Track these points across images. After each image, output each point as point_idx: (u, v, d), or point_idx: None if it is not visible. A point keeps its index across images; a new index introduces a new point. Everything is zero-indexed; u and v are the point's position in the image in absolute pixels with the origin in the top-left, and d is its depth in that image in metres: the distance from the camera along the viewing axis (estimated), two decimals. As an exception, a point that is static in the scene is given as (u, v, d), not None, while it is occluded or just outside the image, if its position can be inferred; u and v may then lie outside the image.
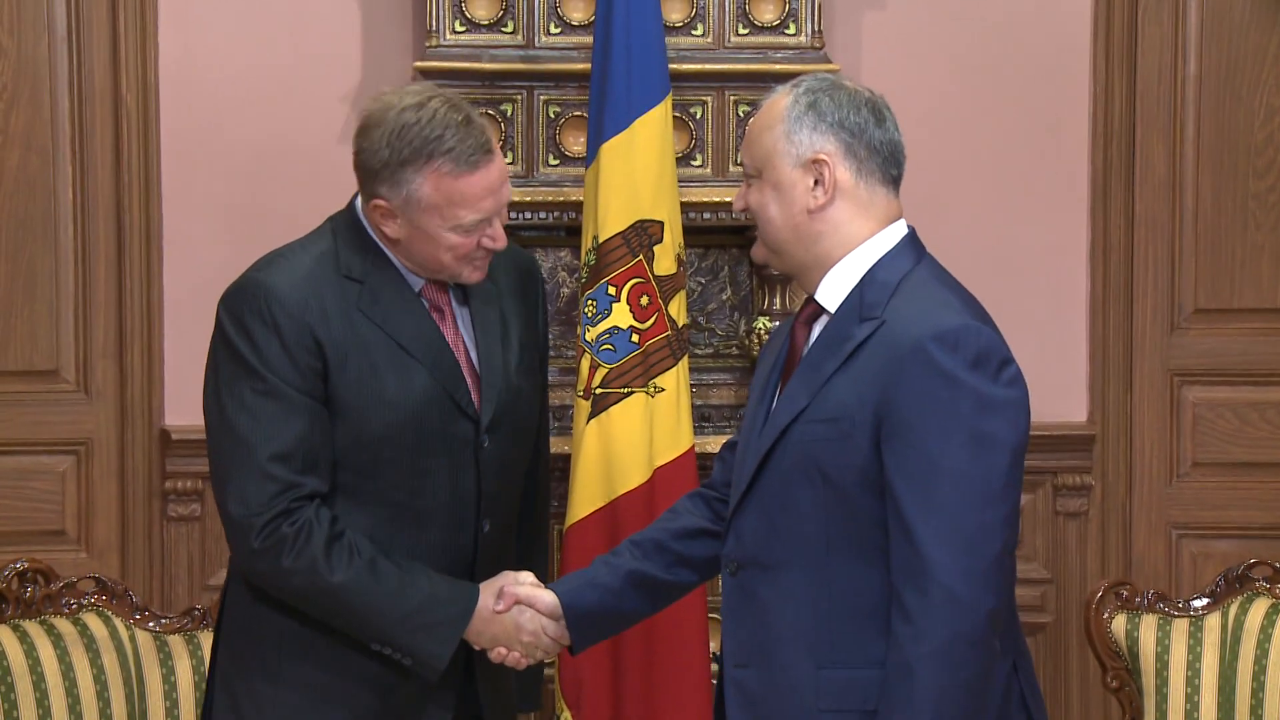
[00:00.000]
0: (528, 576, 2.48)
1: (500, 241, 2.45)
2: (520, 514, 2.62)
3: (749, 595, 2.23)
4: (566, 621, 2.45)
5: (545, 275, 3.59)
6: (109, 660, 2.83)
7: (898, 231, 2.25)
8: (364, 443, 2.42)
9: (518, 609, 2.45)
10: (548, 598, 2.46)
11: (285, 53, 3.66)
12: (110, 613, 2.88)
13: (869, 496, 2.15)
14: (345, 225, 2.48)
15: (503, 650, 2.46)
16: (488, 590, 2.45)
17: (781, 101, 2.24)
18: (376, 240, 2.47)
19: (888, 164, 2.24)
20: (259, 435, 2.37)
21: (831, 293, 2.23)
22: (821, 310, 2.24)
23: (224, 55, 3.66)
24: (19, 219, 3.67)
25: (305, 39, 3.65)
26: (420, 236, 2.43)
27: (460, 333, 2.51)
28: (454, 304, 2.52)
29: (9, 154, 3.66)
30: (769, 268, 2.39)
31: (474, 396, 2.48)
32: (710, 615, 3.26)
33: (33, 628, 2.81)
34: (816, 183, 2.21)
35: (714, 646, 3.22)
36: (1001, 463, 2.12)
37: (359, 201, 2.49)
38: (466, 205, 2.41)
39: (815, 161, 2.20)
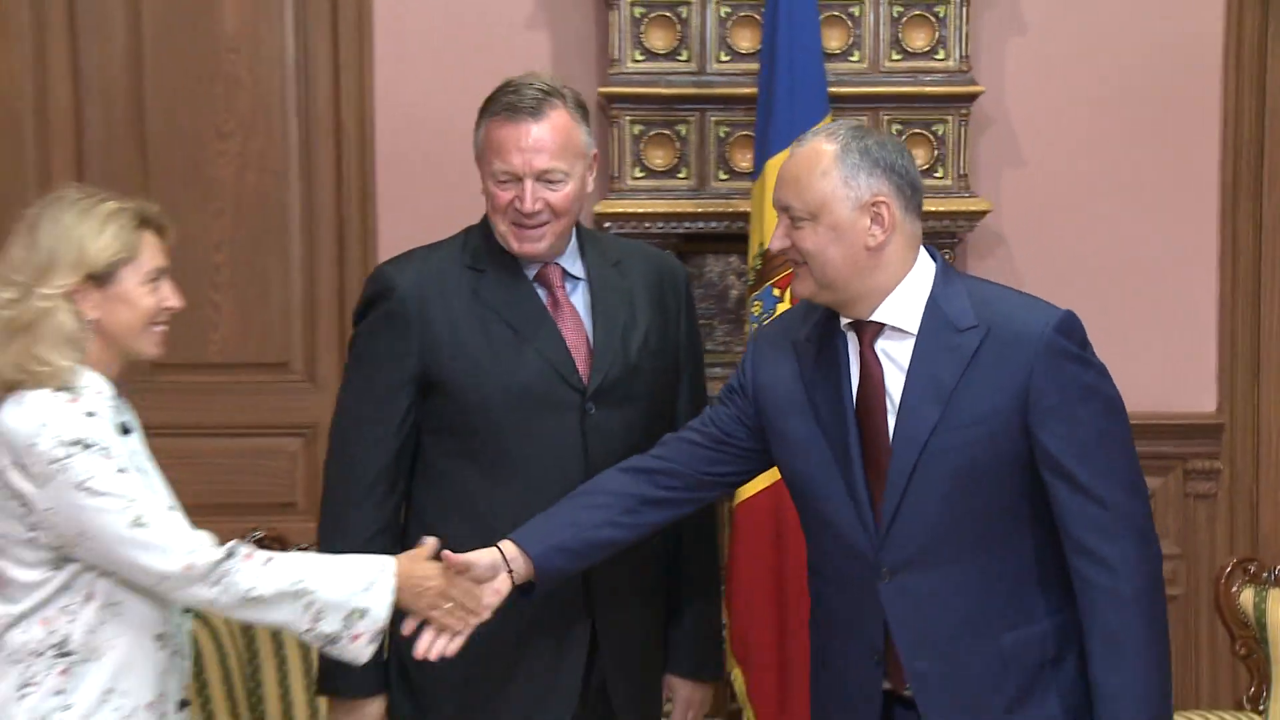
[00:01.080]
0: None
1: (525, 206, 2.43)
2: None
3: (911, 594, 2.33)
4: (537, 576, 2.40)
5: (715, 279, 3.71)
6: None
7: (927, 253, 2.38)
8: (474, 408, 2.47)
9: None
10: (485, 559, 2.39)
11: (482, 80, 3.73)
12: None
13: (1020, 477, 2.30)
14: (479, 227, 2.60)
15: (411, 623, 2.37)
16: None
17: (828, 150, 2.31)
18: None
19: (922, 198, 2.37)
20: (351, 417, 2.49)
21: (901, 313, 2.34)
22: (882, 328, 2.34)
23: (429, 84, 3.80)
24: (255, 232, 3.87)
25: (500, 67, 3.54)
26: (487, 194, 2.49)
27: (578, 314, 2.56)
28: (569, 290, 2.56)
29: (247, 175, 3.85)
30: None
31: (582, 370, 2.51)
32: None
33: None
34: (872, 222, 2.31)
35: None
36: (1126, 418, 2.35)
37: None
38: (497, 153, 2.44)
39: (874, 203, 2.31)
